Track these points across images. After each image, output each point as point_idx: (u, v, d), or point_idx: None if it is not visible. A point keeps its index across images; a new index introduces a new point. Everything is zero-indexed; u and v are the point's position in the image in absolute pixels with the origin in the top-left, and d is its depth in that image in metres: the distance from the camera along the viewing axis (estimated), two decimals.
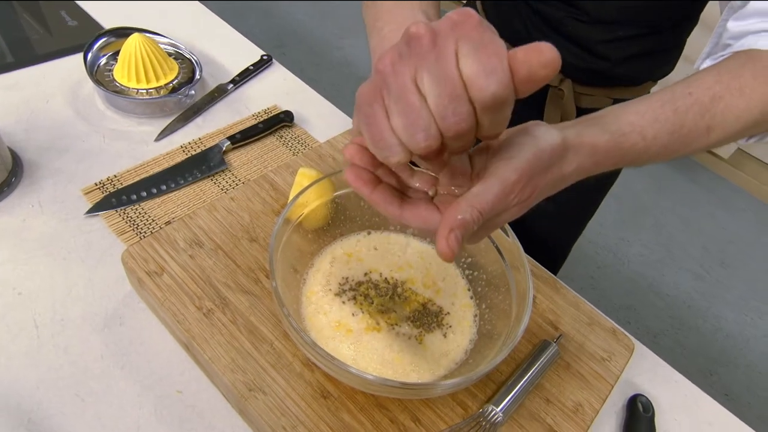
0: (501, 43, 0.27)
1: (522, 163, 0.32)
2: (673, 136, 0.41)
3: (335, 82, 2.24)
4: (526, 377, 0.50)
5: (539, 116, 0.71)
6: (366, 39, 0.52)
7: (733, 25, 0.48)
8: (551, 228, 0.80)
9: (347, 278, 0.53)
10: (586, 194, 0.81)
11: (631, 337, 0.60)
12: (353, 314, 0.51)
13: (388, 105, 0.28)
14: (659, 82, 0.71)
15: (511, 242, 0.49)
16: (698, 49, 0.57)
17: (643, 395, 0.58)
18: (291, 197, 0.56)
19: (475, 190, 0.31)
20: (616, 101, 0.70)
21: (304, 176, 0.56)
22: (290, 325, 0.41)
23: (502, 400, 0.48)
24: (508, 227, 0.50)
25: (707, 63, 0.51)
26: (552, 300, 0.60)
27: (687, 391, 0.62)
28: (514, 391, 0.49)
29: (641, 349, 0.63)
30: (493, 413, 0.47)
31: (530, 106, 0.69)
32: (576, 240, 0.89)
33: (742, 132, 0.44)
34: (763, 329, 1.74)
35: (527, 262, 0.49)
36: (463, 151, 0.30)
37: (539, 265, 0.64)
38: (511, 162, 0.32)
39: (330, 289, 0.52)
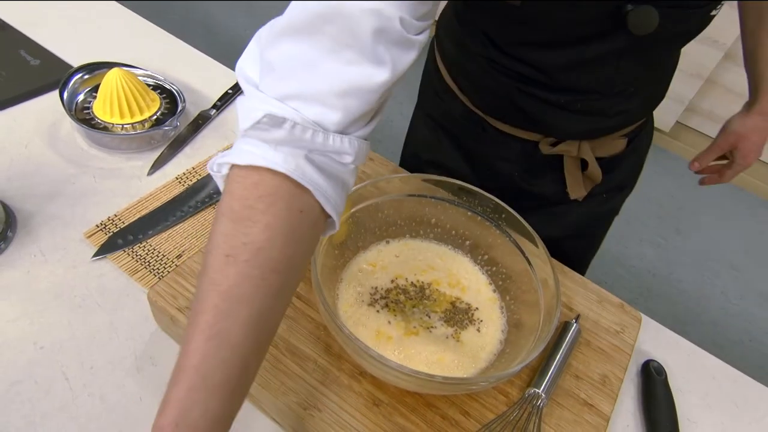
0: None
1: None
2: None
3: None
4: (558, 358, 0.53)
5: (561, 185, 0.70)
6: None
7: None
8: (573, 246, 0.79)
9: (376, 288, 0.55)
10: (600, 214, 0.80)
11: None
12: (389, 321, 0.53)
13: None
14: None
15: (531, 232, 0.53)
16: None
17: (654, 360, 0.63)
18: None
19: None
20: (629, 138, 0.69)
21: None
22: (345, 336, 0.43)
23: (542, 383, 0.51)
24: (538, 238, 0.53)
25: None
26: (562, 283, 0.64)
27: (689, 351, 0.67)
28: (550, 372, 0.52)
29: (644, 318, 0.68)
30: (537, 396, 0.50)
31: (550, 180, 0.70)
32: (593, 256, 0.88)
33: None
34: (719, 286, 1.87)
35: (546, 251, 0.52)
36: None
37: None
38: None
39: (363, 301, 0.54)
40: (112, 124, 0.73)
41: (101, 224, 0.64)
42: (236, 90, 0.86)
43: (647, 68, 0.60)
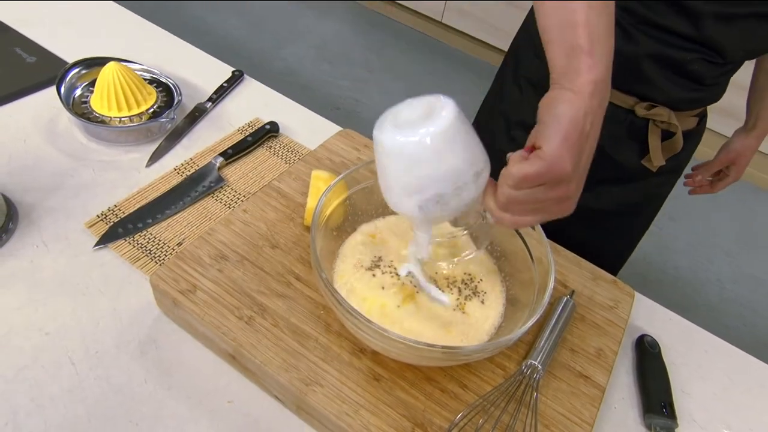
0: None
1: None
2: None
3: (284, 92, 2.24)
4: (553, 332, 0.54)
5: (638, 157, 0.74)
6: (304, 47, 0.49)
7: None
8: (607, 236, 0.85)
9: (380, 257, 0.56)
10: (650, 196, 0.85)
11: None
12: (383, 287, 0.53)
13: None
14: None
15: None
16: None
17: (648, 335, 0.65)
18: (310, 199, 0.58)
19: None
20: (699, 119, 0.74)
21: (319, 179, 0.58)
22: (346, 311, 0.44)
23: (539, 355, 0.52)
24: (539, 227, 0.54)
25: None
26: (556, 262, 0.65)
27: (683, 327, 0.69)
28: (546, 345, 0.53)
29: (637, 295, 0.69)
30: (533, 368, 0.51)
31: (631, 149, 0.73)
32: (634, 247, 0.94)
33: None
34: (714, 272, 1.89)
35: (542, 233, 0.53)
36: None
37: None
38: None
39: (362, 266, 0.55)
40: (110, 117, 0.74)
41: (102, 215, 0.65)
42: (231, 83, 0.87)
43: None
